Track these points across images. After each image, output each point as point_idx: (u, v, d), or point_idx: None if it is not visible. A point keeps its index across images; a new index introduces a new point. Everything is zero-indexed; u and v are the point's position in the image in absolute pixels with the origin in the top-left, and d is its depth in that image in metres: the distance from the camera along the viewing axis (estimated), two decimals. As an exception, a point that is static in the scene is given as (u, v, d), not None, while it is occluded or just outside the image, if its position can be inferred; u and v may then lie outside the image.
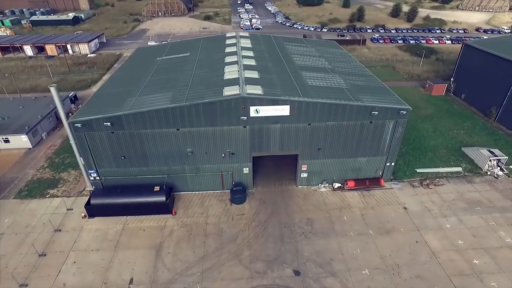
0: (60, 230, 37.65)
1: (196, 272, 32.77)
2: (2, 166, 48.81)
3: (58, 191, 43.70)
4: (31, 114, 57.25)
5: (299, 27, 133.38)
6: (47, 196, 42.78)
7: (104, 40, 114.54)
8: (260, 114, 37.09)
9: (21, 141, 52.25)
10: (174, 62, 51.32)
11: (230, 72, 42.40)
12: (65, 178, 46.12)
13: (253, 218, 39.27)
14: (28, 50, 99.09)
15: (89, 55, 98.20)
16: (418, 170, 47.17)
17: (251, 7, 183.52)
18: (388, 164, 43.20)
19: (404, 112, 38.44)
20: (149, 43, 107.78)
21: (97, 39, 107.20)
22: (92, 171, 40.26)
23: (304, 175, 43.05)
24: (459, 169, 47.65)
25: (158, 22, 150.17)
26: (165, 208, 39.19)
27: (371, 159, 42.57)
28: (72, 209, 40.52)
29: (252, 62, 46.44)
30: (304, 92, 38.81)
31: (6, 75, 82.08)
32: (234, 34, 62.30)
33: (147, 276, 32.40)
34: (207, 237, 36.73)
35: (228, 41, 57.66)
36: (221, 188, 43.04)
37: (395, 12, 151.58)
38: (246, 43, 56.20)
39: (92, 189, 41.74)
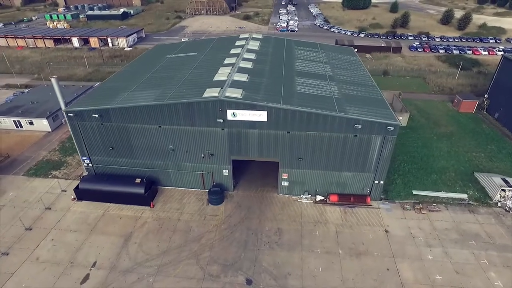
0: (50, 209, 41.17)
1: (154, 265, 33.84)
2: (23, 146, 54.54)
3: (59, 173, 47.75)
4: (56, 101, 62.85)
5: (336, 31, 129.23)
6: (49, 176, 46.97)
7: (143, 35, 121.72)
8: (237, 118, 37.00)
9: (42, 124, 57.93)
10: (179, 61, 53.05)
11: (221, 74, 42.75)
12: (69, 162, 50.20)
13: (224, 220, 39.35)
14: (75, 42, 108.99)
15: (125, 49, 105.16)
16: (415, 192, 43.47)
17: (293, 8, 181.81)
18: (376, 182, 40.48)
19: (392, 128, 35.69)
20: (182, 40, 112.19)
21: (135, 34, 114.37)
22: (85, 158, 43.37)
23: (285, 183, 42.03)
24: (464, 196, 43.01)
25: (199, 19, 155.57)
26: (144, 200, 40.89)
27: (357, 174, 40.24)
28: (66, 191, 44.03)
29: (249, 65, 46.31)
30: (288, 99, 37.86)
31: (51, 64, 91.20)
32: (247, 35, 62.53)
33: (109, 262, 34.19)
34: (175, 233, 37.64)
35: (237, 43, 58.04)
36: (202, 187, 43.70)
37: (446, 19, 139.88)
38: (254, 45, 56.09)
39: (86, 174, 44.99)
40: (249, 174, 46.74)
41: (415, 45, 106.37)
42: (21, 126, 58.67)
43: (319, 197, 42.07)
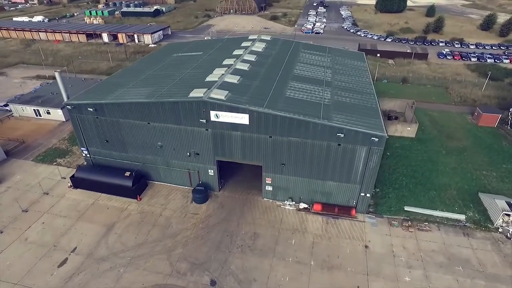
0: (47, 194, 44.01)
1: (128, 256, 35.06)
2: (38, 133, 58.67)
3: (63, 161, 50.84)
4: (74, 92, 66.83)
5: (362, 35, 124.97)
6: (54, 163, 50.14)
7: (169, 33, 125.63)
8: (220, 119, 37.23)
9: (58, 114, 61.95)
10: (182, 60, 54.21)
11: (215, 75, 43.12)
12: (74, 151, 53.21)
13: (204, 219, 39.79)
14: (105, 37, 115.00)
15: (150, 45, 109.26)
16: (407, 208, 41.12)
17: (324, 10, 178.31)
18: (362, 194, 38.83)
19: (377, 139, 34.03)
20: (205, 38, 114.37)
21: (161, 31, 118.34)
22: (83, 149, 45.81)
23: (269, 188, 41.59)
24: (462, 217, 39.98)
25: (226, 19, 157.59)
26: (131, 193, 42.41)
27: (342, 185, 38.87)
28: (65, 178, 46.76)
29: (245, 67, 46.27)
30: (273, 103, 37.39)
31: (79, 57, 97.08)
32: (255, 37, 62.53)
33: (88, 249, 35.94)
34: (154, 227, 38.69)
35: (243, 44, 58.24)
36: (189, 185, 44.45)
37: (486, 24, 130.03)
38: (259, 47, 55.93)
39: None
40: (238, 176, 46.77)
41: (444, 52, 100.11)
42: (40, 115, 63.15)
43: (303, 205, 41.17)
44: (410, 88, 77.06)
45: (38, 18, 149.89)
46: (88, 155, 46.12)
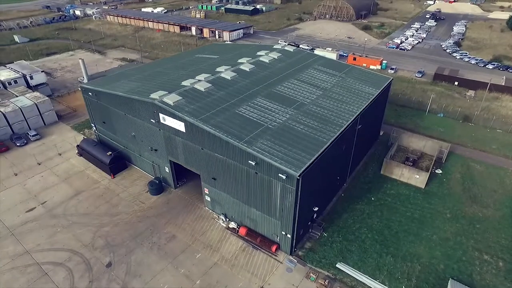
0: (60, 155, 55.01)
1: (71, 220, 41.72)
2: (91, 105, 72.39)
3: (88, 131, 61.82)
4: (130, 77, 79.31)
5: (458, 57, 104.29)
6: (81, 132, 61.66)
7: (251, 32, 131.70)
8: (166, 123, 39.72)
9: (109, 92, 74.80)
10: (193, 61, 58.07)
11: (193, 80, 45.52)
12: (101, 125, 64.01)
13: (145, 210, 43.34)
14: (194, 30, 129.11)
15: (226, 42, 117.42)
16: (339, 265, 35.48)
17: (433, 23, 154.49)
18: (283, 233, 35.56)
19: (285, 176, 30.79)
20: (279, 42, 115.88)
21: (241, 29, 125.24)
22: (93, 125, 55.16)
23: (208, 198, 42.06)
24: (401, 299, 32.33)
25: (316, 24, 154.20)
26: (107, 169, 49.28)
27: (265, 216, 36.49)
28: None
29: (228, 77, 46.98)
30: (213, 116, 37.62)
31: (162, 46, 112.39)
32: (279, 46, 61.53)
33: (52, 205, 44.16)
34: (106, 203, 44.41)
35: (259, 52, 58.32)
36: (154, 175, 48.57)
37: None
38: (269, 57, 55.10)
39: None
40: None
41: (561, 92, 75.55)
42: (100, 91, 77.43)
43: (232, 224, 40.24)
44: (469, 129, 62.19)
45: (158, 9, 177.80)
46: (96, 131, 55.30)
